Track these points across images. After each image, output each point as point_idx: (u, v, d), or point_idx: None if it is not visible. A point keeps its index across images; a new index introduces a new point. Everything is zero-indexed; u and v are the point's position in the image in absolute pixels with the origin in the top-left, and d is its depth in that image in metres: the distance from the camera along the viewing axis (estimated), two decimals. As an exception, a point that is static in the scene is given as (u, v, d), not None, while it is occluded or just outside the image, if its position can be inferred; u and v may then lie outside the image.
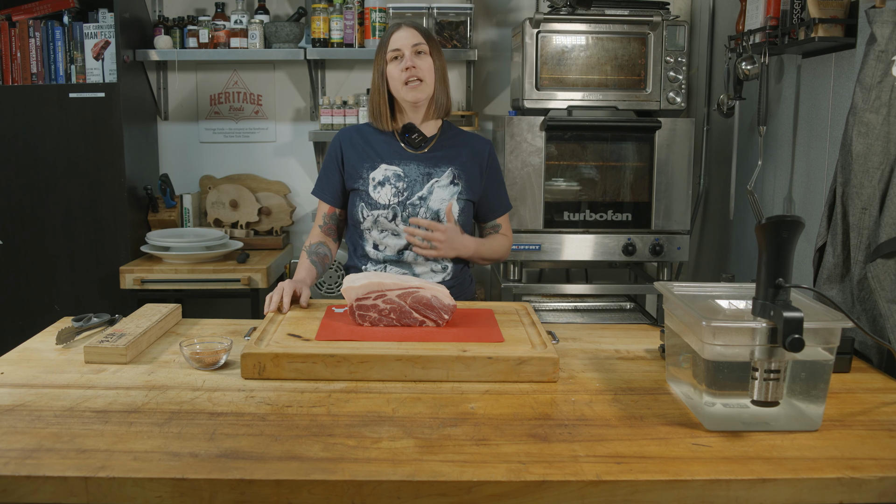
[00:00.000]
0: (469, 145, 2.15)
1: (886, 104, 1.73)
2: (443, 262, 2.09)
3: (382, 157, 2.08)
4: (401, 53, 2.02)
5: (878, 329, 1.69)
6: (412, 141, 2.10)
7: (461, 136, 2.17)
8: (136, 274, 3.01)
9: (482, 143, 2.18)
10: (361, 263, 2.11)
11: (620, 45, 2.91)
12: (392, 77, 2.04)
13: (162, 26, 3.35)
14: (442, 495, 1.07)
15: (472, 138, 2.18)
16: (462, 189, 2.09)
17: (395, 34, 2.05)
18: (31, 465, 1.09)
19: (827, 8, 2.17)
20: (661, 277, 3.06)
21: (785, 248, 1.23)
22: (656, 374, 1.53)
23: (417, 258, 2.06)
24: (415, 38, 2.03)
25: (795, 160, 2.54)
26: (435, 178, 2.07)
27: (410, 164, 2.07)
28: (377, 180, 2.06)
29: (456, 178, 2.09)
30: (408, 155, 2.09)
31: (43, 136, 3.11)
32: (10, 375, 1.46)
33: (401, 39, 2.03)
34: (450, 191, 2.07)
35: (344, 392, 1.39)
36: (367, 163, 2.08)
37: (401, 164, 2.07)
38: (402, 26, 2.06)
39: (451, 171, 2.08)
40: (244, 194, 3.45)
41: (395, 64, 2.03)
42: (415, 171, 2.06)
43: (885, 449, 1.19)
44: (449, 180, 2.08)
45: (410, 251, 2.05)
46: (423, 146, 2.10)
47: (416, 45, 2.03)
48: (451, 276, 2.10)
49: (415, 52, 2.03)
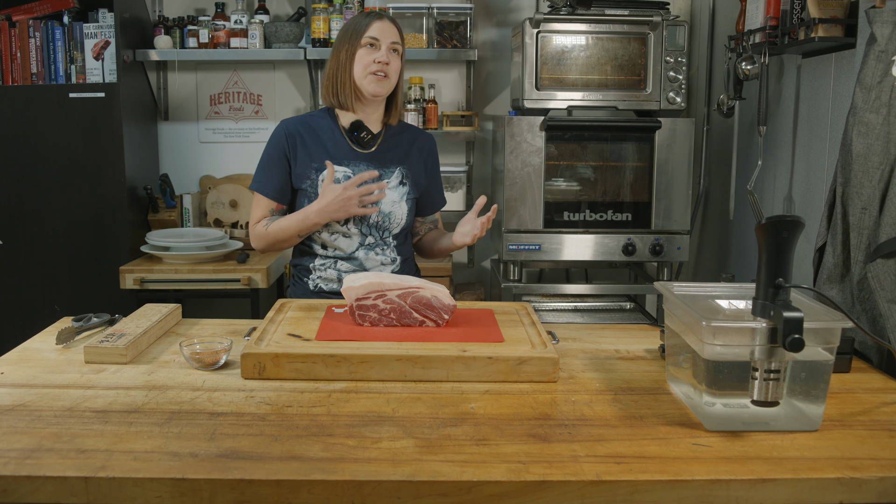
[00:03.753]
0: (416, 142, 2.15)
1: (886, 104, 1.73)
2: (391, 255, 2.09)
3: (331, 157, 2.05)
4: (378, 44, 2.01)
5: (878, 329, 1.69)
6: (360, 139, 2.08)
7: (405, 130, 2.17)
8: (136, 274, 3.00)
9: (426, 139, 2.19)
10: (308, 262, 2.10)
11: (620, 45, 2.91)
12: (359, 62, 2.01)
13: (162, 26, 3.35)
14: (442, 495, 1.07)
15: (417, 134, 2.19)
16: (409, 188, 2.10)
17: (377, 23, 2.02)
18: (31, 465, 1.09)
19: (827, 8, 2.17)
20: (661, 277, 3.06)
21: (785, 248, 1.23)
22: (656, 374, 1.53)
23: (368, 254, 2.07)
24: (395, 37, 2.03)
25: (795, 160, 2.54)
26: (385, 179, 2.06)
27: (360, 165, 2.06)
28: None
29: (404, 177, 2.10)
30: (356, 154, 2.08)
31: (43, 136, 3.11)
32: (10, 375, 1.46)
33: (382, 31, 2.02)
34: (399, 192, 2.08)
35: (344, 392, 1.39)
36: (316, 163, 2.05)
37: (350, 165, 2.05)
38: (385, 18, 2.04)
39: (399, 171, 2.09)
40: (244, 194, 3.45)
41: (368, 51, 2.01)
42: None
43: (885, 449, 1.19)
44: (398, 181, 2.08)
45: (362, 250, 2.06)
46: (371, 144, 2.09)
47: (394, 44, 2.03)
48: (399, 268, 2.11)
49: (391, 48, 2.02)
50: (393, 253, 2.11)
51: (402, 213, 2.09)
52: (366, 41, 2.01)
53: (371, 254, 2.07)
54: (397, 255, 2.12)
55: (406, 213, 2.10)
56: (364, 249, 2.07)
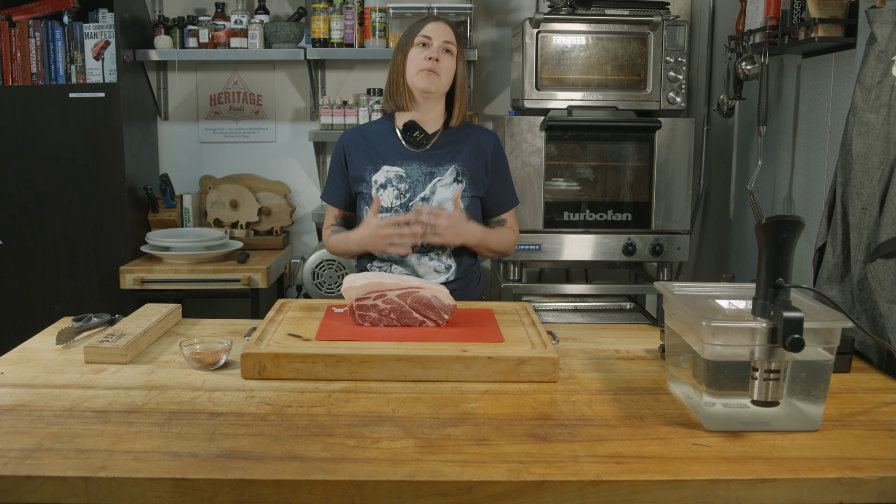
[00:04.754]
0: (472, 139, 2.11)
1: (886, 104, 1.73)
2: (446, 262, 2.07)
3: (384, 158, 2.07)
4: (430, 42, 2.01)
5: (878, 329, 1.69)
6: (413, 139, 2.07)
7: (465, 129, 2.13)
8: (136, 274, 3.01)
9: (487, 136, 2.13)
10: (366, 262, 2.12)
11: (620, 45, 2.91)
12: (411, 60, 2.03)
13: (162, 26, 3.35)
14: (442, 495, 1.07)
15: (477, 131, 2.14)
16: (466, 186, 2.06)
17: (431, 23, 2.04)
18: (31, 465, 1.09)
19: (827, 8, 2.17)
20: (661, 277, 3.06)
21: (785, 248, 1.23)
22: (656, 374, 1.53)
23: (421, 258, 2.05)
24: (447, 36, 2.03)
25: (795, 160, 2.54)
26: (437, 177, 2.05)
27: (412, 164, 2.06)
28: (379, 182, 2.05)
29: (459, 175, 2.06)
30: (409, 154, 2.07)
31: (43, 136, 3.11)
32: (10, 375, 1.46)
33: (435, 30, 2.03)
34: (453, 189, 2.05)
35: (344, 392, 1.39)
36: (370, 165, 2.07)
37: (402, 165, 2.06)
38: (440, 20, 2.05)
39: (454, 168, 2.06)
40: (244, 194, 3.45)
41: (420, 49, 2.02)
42: (417, 171, 2.05)
43: (885, 449, 1.19)
44: (452, 178, 2.05)
45: (415, 254, 2.04)
46: (424, 143, 2.08)
47: (447, 42, 2.02)
48: (454, 276, 2.08)
49: (443, 47, 2.02)
50: (448, 259, 2.07)
51: None
52: (419, 40, 2.02)
53: (424, 259, 2.05)
54: (453, 261, 2.08)
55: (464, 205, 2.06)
56: (417, 255, 2.05)
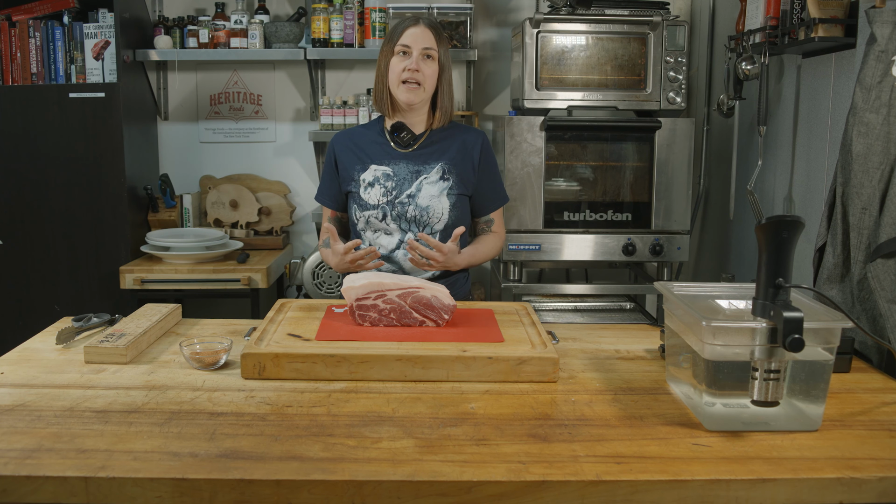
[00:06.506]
0: (459, 139, 2.12)
1: (886, 104, 1.73)
2: None
3: (372, 158, 2.09)
4: (409, 51, 2.00)
5: (878, 329, 1.69)
6: (401, 140, 2.09)
7: (452, 129, 2.14)
8: (137, 274, 3.01)
9: (474, 136, 2.14)
10: None
11: (620, 45, 2.91)
12: (392, 71, 2.02)
13: (162, 26, 3.35)
14: (442, 495, 1.07)
15: (464, 131, 2.15)
16: (453, 184, 2.07)
17: (410, 29, 2.01)
18: (31, 465, 1.09)
19: (827, 8, 2.17)
20: (661, 277, 3.06)
21: (785, 248, 1.23)
22: (656, 374, 1.53)
23: (407, 256, 2.05)
24: (427, 41, 2.01)
25: (795, 160, 2.54)
26: (424, 174, 2.06)
27: (399, 163, 2.07)
28: (367, 181, 2.07)
29: (446, 172, 2.07)
30: (397, 154, 2.09)
31: (43, 136, 3.11)
32: (10, 375, 1.46)
33: (414, 37, 2.00)
34: (439, 186, 2.05)
35: (344, 392, 1.39)
36: (358, 165, 2.09)
37: (390, 164, 2.08)
38: (420, 23, 2.03)
39: (440, 166, 2.07)
40: (244, 194, 3.45)
41: (400, 59, 2.01)
42: (404, 170, 2.06)
43: (885, 449, 1.19)
44: (438, 176, 2.06)
45: (401, 250, 2.06)
46: (412, 144, 2.10)
47: (427, 49, 2.00)
48: (440, 272, 2.09)
49: (423, 54, 2.00)
50: None
51: (443, 207, 2.05)
52: (398, 49, 2.01)
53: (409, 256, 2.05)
54: None
55: (448, 209, 2.05)
56: (403, 251, 2.05)
